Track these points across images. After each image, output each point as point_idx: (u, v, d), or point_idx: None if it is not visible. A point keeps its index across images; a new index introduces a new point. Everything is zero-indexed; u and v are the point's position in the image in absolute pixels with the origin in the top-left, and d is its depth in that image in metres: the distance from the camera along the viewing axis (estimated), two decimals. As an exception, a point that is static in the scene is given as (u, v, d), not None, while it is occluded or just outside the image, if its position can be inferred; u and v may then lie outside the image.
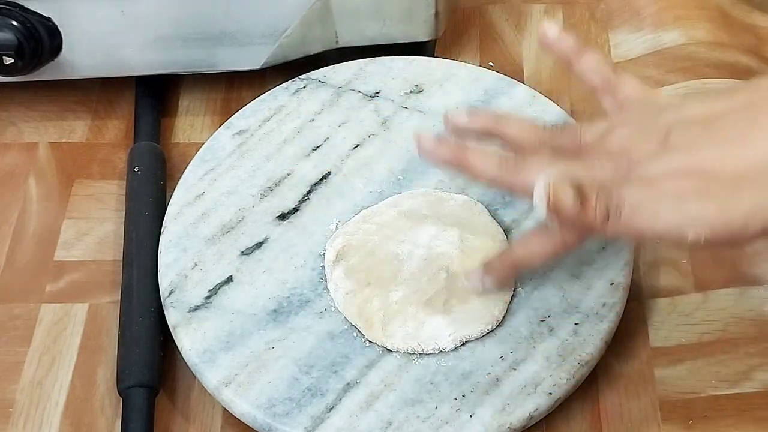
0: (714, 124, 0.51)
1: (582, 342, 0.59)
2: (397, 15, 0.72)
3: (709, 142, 0.51)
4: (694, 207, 0.49)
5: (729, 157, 0.50)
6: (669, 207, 0.50)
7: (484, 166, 0.55)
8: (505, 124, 0.59)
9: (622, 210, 0.50)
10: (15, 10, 0.67)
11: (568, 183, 0.50)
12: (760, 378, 0.60)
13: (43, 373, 0.62)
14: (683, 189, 0.50)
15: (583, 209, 0.50)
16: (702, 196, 0.49)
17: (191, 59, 0.72)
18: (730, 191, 0.49)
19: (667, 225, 0.50)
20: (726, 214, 0.49)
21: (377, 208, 0.65)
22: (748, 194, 0.49)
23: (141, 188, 0.68)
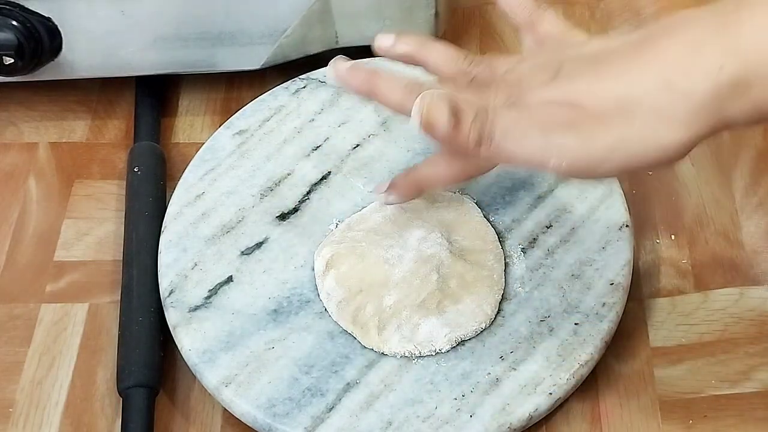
0: (602, 59, 0.51)
1: (582, 342, 0.59)
2: (397, 15, 0.72)
3: (588, 75, 0.50)
4: (558, 137, 0.50)
5: (599, 90, 0.49)
6: (535, 134, 0.50)
7: (390, 92, 0.55)
8: (428, 50, 0.58)
9: (494, 133, 0.50)
10: (15, 10, 0.67)
11: (445, 103, 0.51)
12: (760, 378, 0.60)
13: (43, 373, 0.62)
14: (551, 118, 0.50)
15: (455, 130, 0.51)
16: (567, 127, 0.49)
17: (191, 59, 0.72)
18: (594, 124, 0.49)
19: (531, 151, 0.51)
20: (586, 147, 0.49)
21: (361, 215, 0.65)
22: (609, 129, 0.49)
23: (141, 188, 0.68)
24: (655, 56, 0.49)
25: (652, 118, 0.48)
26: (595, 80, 0.50)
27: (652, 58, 0.49)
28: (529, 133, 0.50)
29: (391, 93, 0.55)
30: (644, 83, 0.48)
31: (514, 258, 0.63)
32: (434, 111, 0.51)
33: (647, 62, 0.49)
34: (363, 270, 0.62)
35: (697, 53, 0.47)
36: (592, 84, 0.50)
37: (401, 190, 0.62)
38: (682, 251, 0.66)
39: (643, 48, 0.50)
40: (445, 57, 0.58)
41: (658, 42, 0.49)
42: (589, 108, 0.49)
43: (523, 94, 0.52)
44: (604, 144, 0.49)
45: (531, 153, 0.51)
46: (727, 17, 0.47)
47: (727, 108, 0.47)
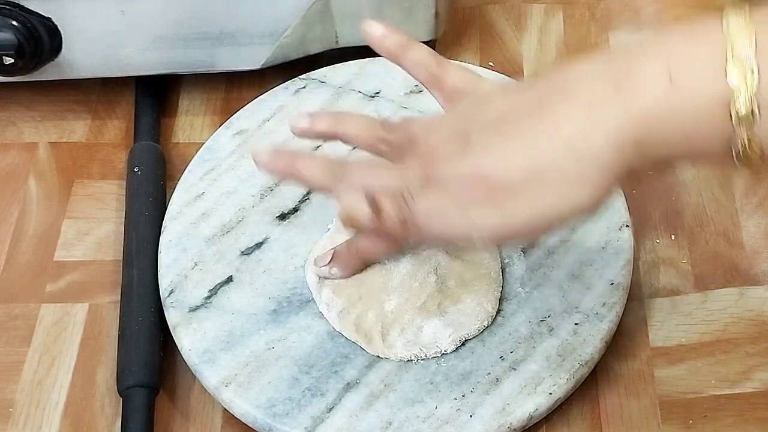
0: (505, 126, 0.51)
1: (582, 342, 0.59)
2: (397, 15, 0.72)
3: (495, 147, 0.51)
4: (476, 214, 0.51)
5: (508, 164, 0.50)
6: (455, 215, 0.52)
7: (311, 173, 0.57)
8: (343, 123, 0.59)
9: (415, 218, 0.52)
10: (15, 10, 0.67)
11: (361, 197, 0.53)
12: (760, 378, 0.60)
13: (43, 373, 0.62)
14: (467, 197, 0.51)
15: (378, 219, 0.53)
16: (482, 203, 0.51)
17: (191, 59, 0.72)
18: (507, 198, 0.50)
19: (455, 230, 0.52)
20: (503, 220, 0.51)
21: None
22: (522, 200, 0.50)
23: (141, 188, 0.68)
24: (556, 123, 0.49)
25: (563, 185, 0.49)
26: (501, 154, 0.51)
27: (553, 125, 0.50)
28: (449, 213, 0.52)
29: (312, 175, 0.57)
30: (549, 152, 0.49)
31: (514, 258, 0.63)
32: (354, 208, 0.53)
33: (549, 130, 0.50)
34: (360, 277, 0.62)
35: (597, 118, 0.48)
36: (500, 158, 0.51)
37: (344, 264, 0.61)
38: (682, 251, 0.66)
39: (542, 113, 0.50)
40: (360, 127, 0.59)
41: (557, 107, 0.50)
42: (500, 183, 0.50)
43: (437, 169, 0.52)
44: (520, 214, 0.50)
45: (454, 231, 0.52)
46: (619, 77, 0.48)
47: (632, 162, 0.48)
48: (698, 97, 0.47)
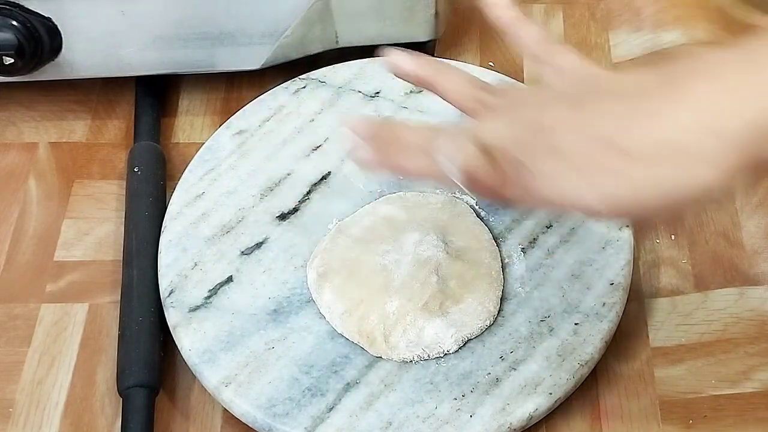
0: (630, 97, 0.50)
1: (582, 342, 0.59)
2: (397, 15, 0.72)
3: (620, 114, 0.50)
4: (597, 179, 0.49)
5: (636, 131, 0.49)
6: (578, 177, 0.49)
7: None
8: (443, 76, 0.58)
9: (535, 175, 0.50)
10: (15, 10, 0.67)
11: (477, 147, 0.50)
12: (760, 378, 0.60)
13: (43, 373, 0.62)
14: (594, 162, 0.49)
15: (495, 173, 0.50)
16: (605, 168, 0.49)
17: (191, 59, 0.72)
18: (633, 165, 0.49)
19: (574, 193, 0.50)
20: (625, 188, 0.49)
21: (352, 219, 0.65)
22: (649, 170, 0.48)
23: (141, 188, 0.68)
24: (690, 98, 0.49)
25: (692, 160, 0.48)
26: (629, 121, 0.49)
27: (687, 99, 0.49)
28: (572, 175, 0.50)
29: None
30: (682, 125, 0.48)
31: (514, 258, 0.63)
32: (472, 157, 0.50)
33: (683, 104, 0.49)
34: (361, 278, 0.62)
35: (733, 96, 0.47)
36: (628, 125, 0.49)
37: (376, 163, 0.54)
38: (682, 251, 0.66)
39: (674, 88, 0.49)
40: (459, 83, 0.57)
41: (690, 83, 0.49)
42: (626, 149, 0.49)
43: (554, 131, 0.51)
44: (644, 185, 0.49)
45: (572, 195, 0.50)
46: (759, 58, 0.47)
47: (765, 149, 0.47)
48: None
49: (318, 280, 0.62)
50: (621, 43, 0.77)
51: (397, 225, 0.63)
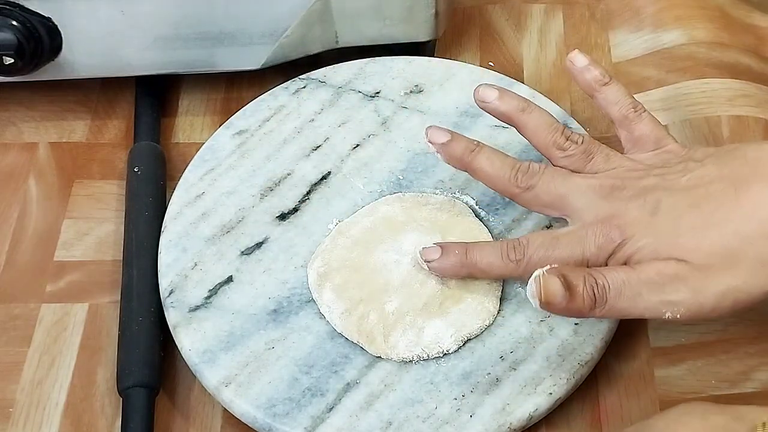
0: (698, 201, 0.54)
1: (582, 342, 0.59)
2: (397, 15, 0.72)
3: (688, 222, 0.53)
4: (669, 294, 0.53)
5: (704, 245, 0.53)
6: (647, 293, 0.54)
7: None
8: (528, 115, 0.61)
9: (607, 295, 0.54)
10: (15, 10, 0.67)
11: (557, 279, 0.53)
12: (760, 378, 0.60)
13: (43, 373, 0.62)
14: (661, 274, 0.53)
15: (572, 299, 0.53)
16: (676, 282, 0.53)
17: (191, 59, 0.72)
18: (702, 277, 0.53)
19: (644, 308, 0.54)
20: (697, 299, 0.53)
21: (352, 220, 0.65)
22: (717, 280, 0.52)
23: (141, 188, 0.68)
24: (752, 203, 0.52)
25: (757, 267, 0.52)
26: (698, 234, 0.53)
27: (750, 205, 0.52)
28: (642, 292, 0.54)
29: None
30: (745, 233, 0.52)
31: (514, 258, 0.63)
32: (550, 289, 0.53)
33: (745, 210, 0.52)
34: (361, 278, 0.62)
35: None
36: (697, 238, 0.53)
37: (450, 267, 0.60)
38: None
39: (738, 192, 0.53)
40: (543, 124, 0.61)
41: (753, 186, 0.53)
42: (695, 259, 0.53)
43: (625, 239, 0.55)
44: (714, 294, 0.53)
45: (645, 310, 0.54)
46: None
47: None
48: None
49: (318, 280, 0.62)
50: (621, 43, 0.77)
51: (397, 225, 0.64)
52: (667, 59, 0.75)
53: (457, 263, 0.59)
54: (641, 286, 0.54)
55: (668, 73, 0.74)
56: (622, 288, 0.54)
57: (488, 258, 0.59)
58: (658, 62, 0.75)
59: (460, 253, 0.59)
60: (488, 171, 0.60)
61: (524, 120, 0.61)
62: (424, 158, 0.68)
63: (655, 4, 0.79)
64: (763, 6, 0.80)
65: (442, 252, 0.59)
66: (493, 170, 0.60)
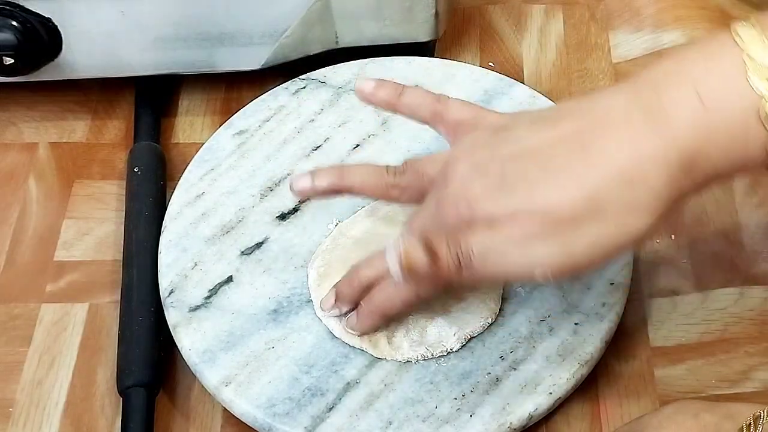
0: (546, 156, 0.52)
1: (582, 342, 0.59)
2: (397, 15, 0.72)
3: (544, 179, 0.52)
4: (538, 250, 0.51)
5: (564, 194, 0.51)
6: (514, 251, 0.52)
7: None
8: (348, 177, 0.59)
9: (472, 258, 0.52)
10: (15, 10, 0.67)
11: (418, 243, 0.52)
12: (760, 378, 0.60)
13: (43, 373, 0.62)
14: (525, 232, 0.51)
15: (435, 264, 0.52)
16: (544, 237, 0.51)
17: (191, 59, 0.72)
18: (569, 229, 0.51)
19: (515, 268, 0.52)
20: (568, 253, 0.51)
21: (353, 220, 0.65)
22: (584, 230, 0.51)
23: (141, 188, 0.68)
24: (605, 155, 0.51)
25: (621, 214, 0.50)
26: (556, 188, 0.51)
27: (602, 157, 0.51)
28: (508, 250, 0.52)
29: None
30: (605, 183, 0.50)
31: (514, 258, 0.63)
32: (411, 256, 0.52)
33: (600, 162, 0.51)
34: None
35: (642, 149, 0.50)
36: (556, 192, 0.51)
37: (363, 324, 0.59)
38: (682, 251, 0.66)
39: (586, 146, 0.51)
40: (366, 177, 0.59)
41: (600, 140, 0.51)
42: (560, 216, 0.51)
43: (477, 207, 0.52)
44: (583, 245, 0.51)
45: (514, 269, 0.52)
46: (653, 107, 0.50)
47: (683, 186, 0.50)
48: (730, 111, 0.49)
49: (318, 280, 0.62)
50: (621, 43, 0.77)
51: (397, 225, 0.63)
52: (667, 59, 0.75)
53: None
54: (506, 245, 0.51)
55: (668, 74, 0.74)
56: (488, 249, 0.52)
57: None
58: (658, 62, 0.75)
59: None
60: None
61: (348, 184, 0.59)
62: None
63: (655, 4, 0.79)
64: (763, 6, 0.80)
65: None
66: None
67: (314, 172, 0.60)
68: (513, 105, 0.70)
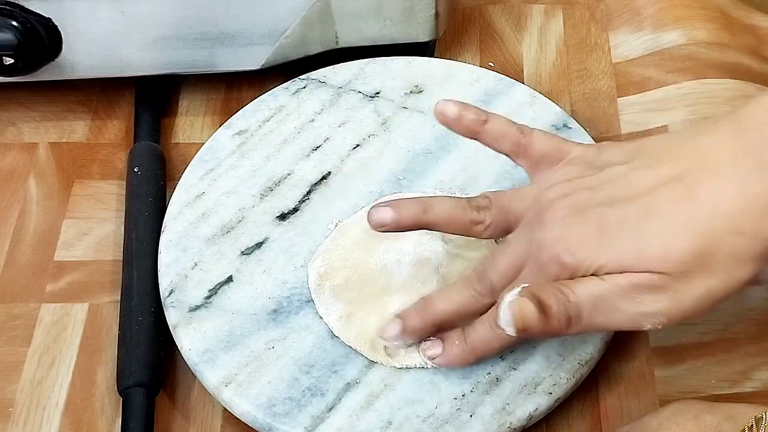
0: (649, 202, 0.52)
1: (582, 342, 0.59)
2: (397, 15, 0.72)
3: (649, 229, 0.51)
4: (648, 303, 0.51)
5: (672, 247, 0.50)
6: (624, 306, 0.52)
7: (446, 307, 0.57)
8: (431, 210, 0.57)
9: (581, 314, 0.52)
10: (15, 10, 0.67)
11: (530, 301, 0.51)
12: (760, 378, 0.60)
13: (43, 373, 0.62)
14: (633, 285, 0.51)
15: (547, 321, 0.52)
16: (653, 291, 0.51)
17: (191, 59, 0.72)
18: (679, 284, 0.51)
19: (624, 321, 0.52)
20: (676, 307, 0.51)
21: (352, 221, 0.65)
22: (694, 284, 0.51)
23: (141, 188, 0.68)
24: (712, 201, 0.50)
25: (732, 264, 0.50)
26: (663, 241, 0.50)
27: (710, 203, 0.50)
28: (617, 305, 0.52)
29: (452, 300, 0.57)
30: (713, 232, 0.50)
31: (514, 258, 0.63)
32: (525, 313, 0.51)
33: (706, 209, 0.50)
34: (361, 279, 0.61)
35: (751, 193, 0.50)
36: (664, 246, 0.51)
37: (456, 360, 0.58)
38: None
39: (690, 190, 0.51)
40: (449, 212, 0.57)
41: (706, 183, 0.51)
42: (669, 272, 0.51)
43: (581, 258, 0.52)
44: (694, 299, 0.51)
45: (623, 323, 0.53)
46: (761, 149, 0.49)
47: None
48: None
49: (318, 280, 0.62)
50: (621, 44, 0.78)
51: None
52: (667, 60, 0.75)
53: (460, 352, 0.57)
54: (616, 299, 0.51)
55: (668, 74, 0.74)
56: (596, 302, 0.52)
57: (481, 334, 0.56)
58: (658, 63, 0.76)
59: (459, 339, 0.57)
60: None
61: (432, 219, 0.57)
62: (424, 158, 0.68)
63: (655, 4, 0.79)
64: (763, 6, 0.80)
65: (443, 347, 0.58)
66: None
67: (396, 205, 0.58)
68: (513, 105, 0.70)
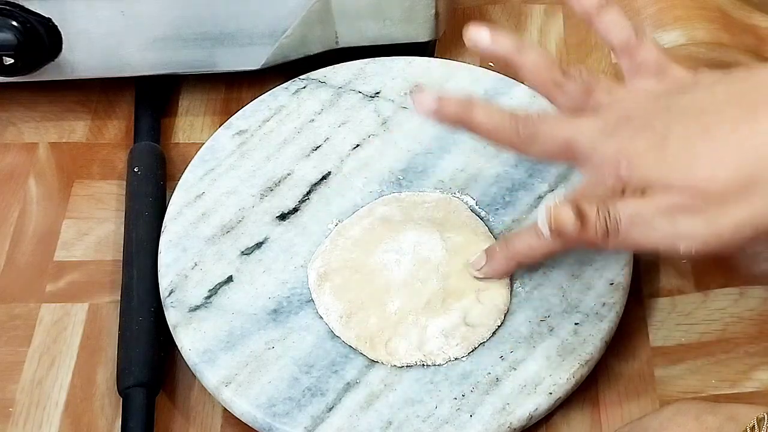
0: (713, 118, 0.51)
1: (582, 342, 0.59)
2: (397, 15, 0.72)
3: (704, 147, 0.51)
4: (685, 223, 0.51)
5: (720, 170, 0.50)
6: (661, 223, 0.52)
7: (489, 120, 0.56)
8: (524, 55, 0.58)
9: (619, 226, 0.52)
10: (15, 10, 0.67)
11: (569, 208, 0.52)
12: (760, 378, 0.60)
13: (43, 373, 0.62)
14: (674, 204, 0.51)
15: (583, 228, 0.52)
16: (692, 212, 0.51)
17: (191, 59, 0.72)
18: (719, 206, 0.50)
19: (660, 239, 0.52)
20: (714, 229, 0.51)
21: (351, 221, 0.65)
22: (735, 208, 0.50)
23: (141, 188, 0.68)
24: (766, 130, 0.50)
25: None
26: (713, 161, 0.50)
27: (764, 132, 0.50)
28: (655, 222, 0.52)
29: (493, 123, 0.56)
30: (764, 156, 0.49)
31: (514, 258, 0.63)
32: (561, 218, 0.52)
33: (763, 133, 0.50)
34: (361, 279, 0.62)
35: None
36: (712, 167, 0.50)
37: (497, 267, 0.61)
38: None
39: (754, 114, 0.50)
40: (540, 64, 0.58)
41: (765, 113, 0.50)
42: (713, 192, 0.50)
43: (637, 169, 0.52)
44: (732, 223, 0.50)
45: (659, 241, 0.52)
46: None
47: None
48: None
49: (318, 280, 0.62)
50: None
51: (395, 225, 0.64)
52: (667, 59, 0.75)
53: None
54: (654, 217, 0.52)
55: (668, 73, 0.74)
56: (635, 218, 0.52)
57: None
58: (658, 62, 0.75)
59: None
60: (487, 124, 0.57)
61: (520, 61, 0.58)
62: (424, 158, 0.68)
63: (655, 4, 0.79)
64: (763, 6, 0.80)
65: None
66: (492, 122, 0.57)
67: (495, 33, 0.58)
68: (513, 105, 0.70)
